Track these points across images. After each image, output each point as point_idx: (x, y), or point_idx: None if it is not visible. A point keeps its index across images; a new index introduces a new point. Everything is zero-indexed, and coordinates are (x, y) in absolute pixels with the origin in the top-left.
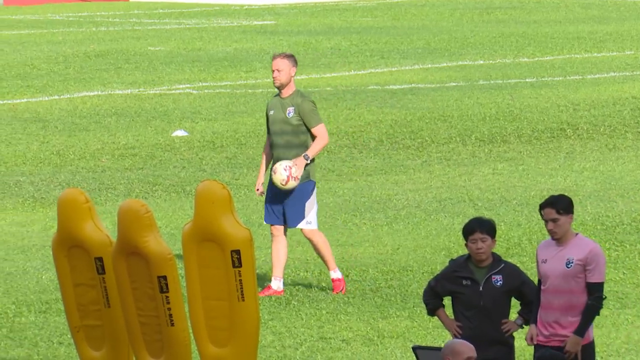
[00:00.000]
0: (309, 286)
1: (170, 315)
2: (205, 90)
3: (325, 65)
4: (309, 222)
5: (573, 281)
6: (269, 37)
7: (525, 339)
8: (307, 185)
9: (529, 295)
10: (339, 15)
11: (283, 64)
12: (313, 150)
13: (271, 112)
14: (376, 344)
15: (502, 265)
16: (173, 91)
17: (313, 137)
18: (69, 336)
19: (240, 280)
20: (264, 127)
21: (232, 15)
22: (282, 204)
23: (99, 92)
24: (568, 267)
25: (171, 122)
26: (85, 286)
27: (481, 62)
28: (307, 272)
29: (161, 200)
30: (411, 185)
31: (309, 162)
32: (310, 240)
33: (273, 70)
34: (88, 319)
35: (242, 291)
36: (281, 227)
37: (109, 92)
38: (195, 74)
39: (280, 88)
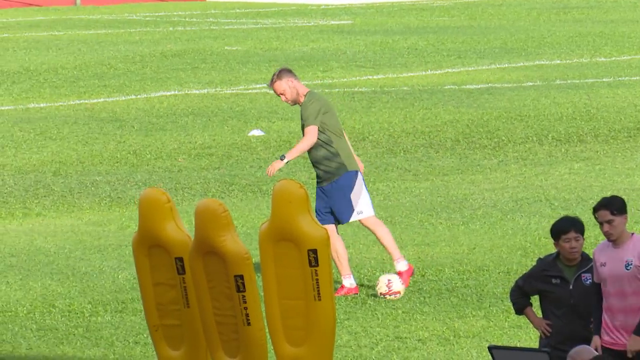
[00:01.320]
0: None
1: (247, 315)
2: None
3: (402, 64)
4: (360, 212)
5: (634, 282)
6: (346, 37)
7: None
8: (344, 179)
9: None
10: (415, 15)
11: (280, 87)
12: (291, 151)
13: None
14: (452, 343)
15: (591, 263)
16: (250, 91)
17: (337, 134)
18: (145, 335)
19: (317, 279)
20: (342, 127)
21: (309, 14)
22: (327, 203)
23: (176, 92)
24: (627, 269)
25: (247, 122)
26: (165, 286)
27: (558, 61)
28: (383, 271)
29: (237, 200)
30: (487, 184)
31: (284, 161)
32: (370, 230)
33: (278, 95)
34: (167, 318)
35: (318, 290)
36: (330, 226)
37: (186, 91)
38: (272, 74)
39: (294, 104)
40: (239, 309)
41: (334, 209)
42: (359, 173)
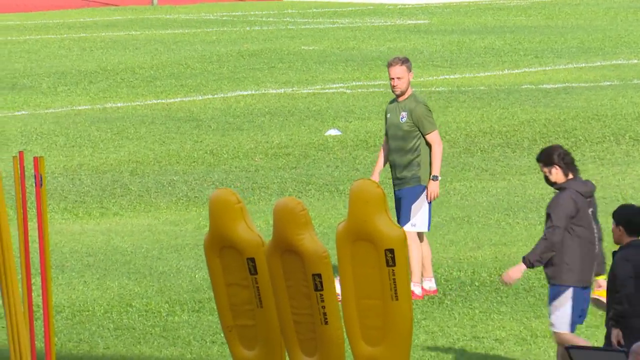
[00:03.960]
0: (462, 285)
1: (325, 314)
2: (359, 90)
3: (479, 64)
4: (413, 225)
5: None
6: (423, 37)
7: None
8: (415, 189)
9: None
10: (492, 15)
11: (402, 71)
12: (436, 166)
13: (388, 116)
14: (529, 343)
15: None
16: (326, 90)
17: (428, 143)
18: (221, 335)
19: (394, 279)
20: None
21: (386, 14)
22: (399, 206)
23: (253, 92)
24: None
25: (324, 122)
26: (238, 286)
27: (635, 61)
28: (460, 271)
29: (314, 200)
30: None
31: (439, 179)
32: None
33: (392, 78)
34: (241, 318)
35: (395, 290)
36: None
37: (263, 91)
38: (349, 73)
39: (400, 96)
40: (317, 307)
41: (399, 212)
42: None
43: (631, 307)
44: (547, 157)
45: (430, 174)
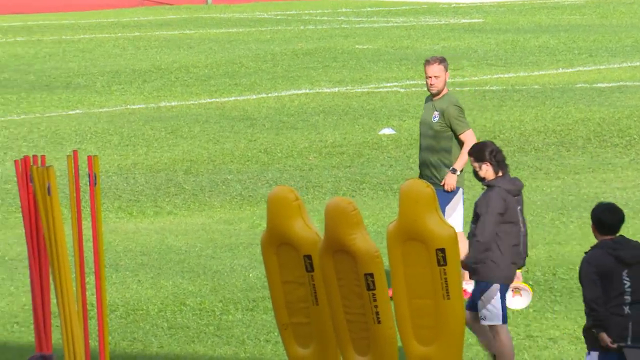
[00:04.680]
0: None
1: (377, 313)
2: (413, 89)
3: (533, 63)
4: None
5: None
6: (477, 35)
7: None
8: (449, 193)
9: None
10: (546, 13)
11: (439, 70)
12: (460, 161)
13: (423, 113)
14: (583, 342)
15: None
16: (380, 89)
17: (460, 143)
18: (275, 334)
19: (446, 278)
20: (471, 126)
21: (440, 13)
22: None
23: (307, 90)
24: None
25: (378, 120)
26: (294, 284)
27: None
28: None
29: (368, 199)
30: (619, 183)
31: (458, 173)
32: None
33: (429, 77)
34: (296, 316)
35: (447, 289)
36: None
37: (317, 90)
38: (403, 72)
39: (436, 95)
40: (369, 306)
41: None
42: (461, 189)
43: (604, 308)
44: (478, 153)
45: (463, 178)
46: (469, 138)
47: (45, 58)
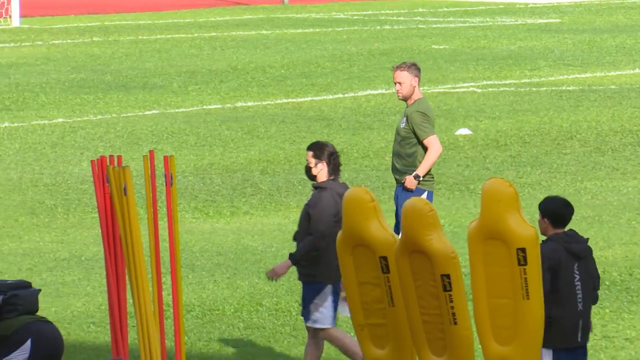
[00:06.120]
0: None
1: (454, 314)
2: (489, 89)
3: (610, 63)
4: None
5: None
6: (554, 35)
7: None
8: (413, 194)
9: None
10: (624, 13)
11: (404, 77)
12: (422, 167)
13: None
14: None
15: None
16: (457, 89)
17: (425, 149)
18: (351, 334)
19: (526, 278)
20: (548, 126)
21: (517, 13)
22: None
23: (383, 91)
24: None
25: (455, 121)
26: (370, 285)
27: None
28: None
29: (444, 199)
30: None
31: (420, 179)
32: None
33: (395, 83)
34: (372, 317)
35: (527, 289)
36: None
37: (393, 90)
38: (480, 72)
39: (404, 100)
40: (446, 308)
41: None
42: (427, 192)
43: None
44: (318, 150)
45: (433, 182)
46: (432, 144)
47: (122, 58)
